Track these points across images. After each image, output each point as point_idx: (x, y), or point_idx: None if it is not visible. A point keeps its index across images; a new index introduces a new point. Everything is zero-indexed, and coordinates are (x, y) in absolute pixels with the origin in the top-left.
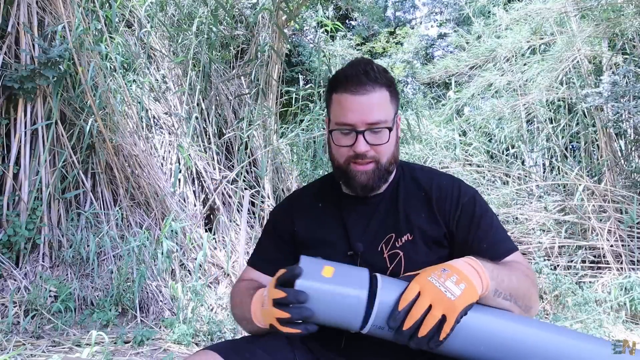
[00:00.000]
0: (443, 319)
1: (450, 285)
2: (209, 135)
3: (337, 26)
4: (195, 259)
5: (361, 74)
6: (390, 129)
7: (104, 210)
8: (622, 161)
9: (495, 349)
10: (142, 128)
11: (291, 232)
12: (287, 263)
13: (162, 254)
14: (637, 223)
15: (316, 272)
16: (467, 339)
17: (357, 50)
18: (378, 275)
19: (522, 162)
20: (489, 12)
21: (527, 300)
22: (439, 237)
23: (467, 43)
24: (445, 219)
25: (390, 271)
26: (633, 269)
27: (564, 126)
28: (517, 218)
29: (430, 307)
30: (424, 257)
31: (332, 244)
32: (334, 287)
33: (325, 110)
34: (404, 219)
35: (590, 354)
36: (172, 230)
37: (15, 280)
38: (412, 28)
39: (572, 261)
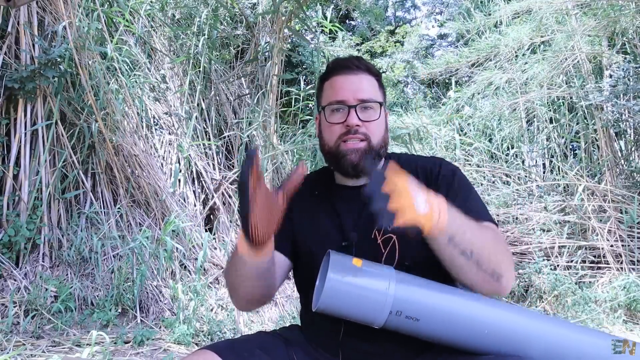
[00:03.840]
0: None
1: (419, 199)
2: (209, 136)
3: (337, 27)
4: (196, 259)
5: (353, 59)
6: (381, 105)
7: (104, 210)
8: (622, 161)
9: (499, 340)
10: (142, 128)
11: (290, 216)
12: (287, 241)
13: (165, 252)
14: (637, 223)
15: (347, 266)
16: (471, 328)
17: (357, 49)
18: (392, 268)
19: (522, 162)
20: (489, 13)
21: (495, 265)
22: None
23: (468, 32)
24: None
25: (385, 256)
26: (633, 269)
27: (564, 126)
28: (517, 218)
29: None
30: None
31: (326, 233)
32: (363, 281)
33: (316, 106)
34: None
35: (590, 346)
36: (172, 231)
37: (15, 280)
38: (412, 27)
39: (572, 261)
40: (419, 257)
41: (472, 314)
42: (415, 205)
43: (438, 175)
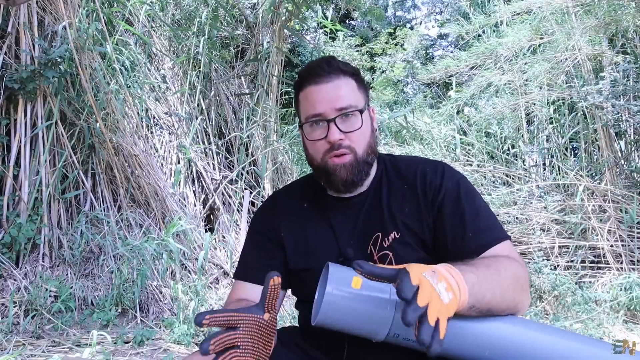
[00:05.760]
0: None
1: (442, 290)
2: (209, 135)
3: (337, 27)
4: (196, 259)
5: (323, 64)
6: (361, 112)
7: (104, 210)
8: (622, 161)
9: (497, 353)
10: (142, 128)
11: (278, 235)
12: (278, 268)
13: (167, 253)
14: (637, 223)
15: (346, 281)
16: (469, 342)
17: (357, 51)
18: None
19: (522, 162)
20: (489, 14)
21: (512, 307)
22: (424, 233)
23: (467, 34)
24: (429, 208)
25: None
26: (633, 269)
27: (564, 126)
28: (517, 218)
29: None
30: (413, 255)
31: (322, 248)
32: (363, 297)
33: (297, 119)
34: (388, 215)
35: (591, 356)
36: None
37: (15, 280)
38: (412, 29)
39: (572, 261)
40: None
41: (472, 332)
42: (442, 298)
43: (440, 188)
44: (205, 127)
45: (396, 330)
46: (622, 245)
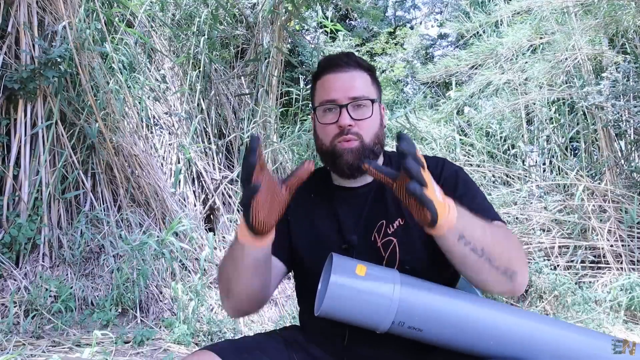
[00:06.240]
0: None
1: (437, 189)
2: (209, 135)
3: (337, 27)
4: (196, 259)
5: (343, 56)
6: (373, 102)
7: (104, 210)
8: (622, 161)
9: (504, 344)
10: (142, 128)
11: (286, 220)
12: (285, 253)
13: (168, 252)
14: (637, 223)
15: (350, 270)
16: (475, 333)
17: (357, 51)
18: (397, 272)
19: (522, 162)
20: (489, 13)
21: (507, 262)
22: None
23: (467, 32)
24: None
25: (386, 260)
26: (633, 269)
27: (564, 126)
28: (517, 218)
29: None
30: (418, 240)
31: (326, 237)
32: (367, 286)
33: (311, 104)
34: (392, 204)
35: (592, 348)
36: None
37: (15, 280)
38: (412, 28)
39: (572, 261)
40: (420, 262)
41: (477, 323)
42: (436, 191)
43: (440, 177)
44: (205, 127)
45: (401, 318)
46: (622, 245)
